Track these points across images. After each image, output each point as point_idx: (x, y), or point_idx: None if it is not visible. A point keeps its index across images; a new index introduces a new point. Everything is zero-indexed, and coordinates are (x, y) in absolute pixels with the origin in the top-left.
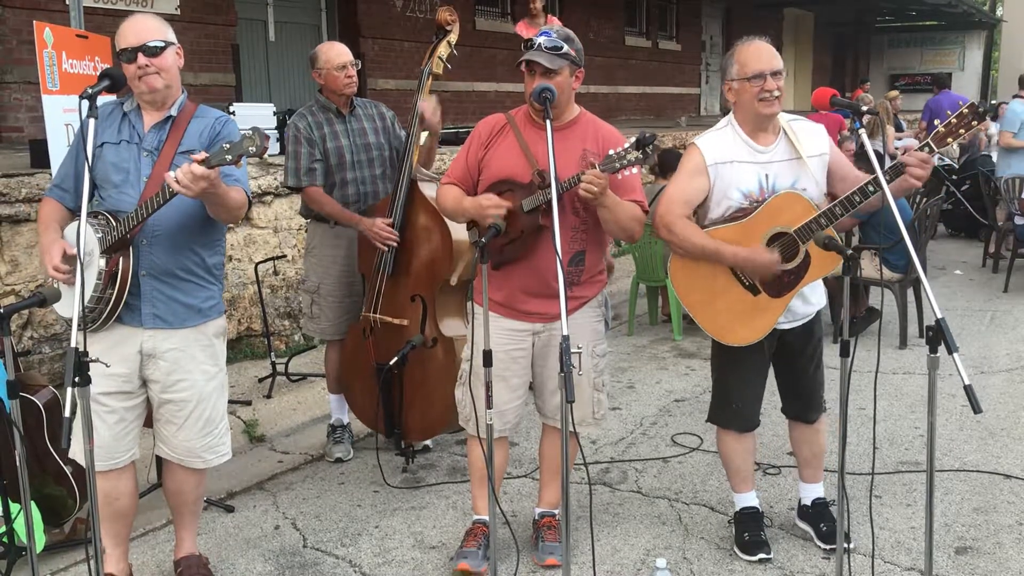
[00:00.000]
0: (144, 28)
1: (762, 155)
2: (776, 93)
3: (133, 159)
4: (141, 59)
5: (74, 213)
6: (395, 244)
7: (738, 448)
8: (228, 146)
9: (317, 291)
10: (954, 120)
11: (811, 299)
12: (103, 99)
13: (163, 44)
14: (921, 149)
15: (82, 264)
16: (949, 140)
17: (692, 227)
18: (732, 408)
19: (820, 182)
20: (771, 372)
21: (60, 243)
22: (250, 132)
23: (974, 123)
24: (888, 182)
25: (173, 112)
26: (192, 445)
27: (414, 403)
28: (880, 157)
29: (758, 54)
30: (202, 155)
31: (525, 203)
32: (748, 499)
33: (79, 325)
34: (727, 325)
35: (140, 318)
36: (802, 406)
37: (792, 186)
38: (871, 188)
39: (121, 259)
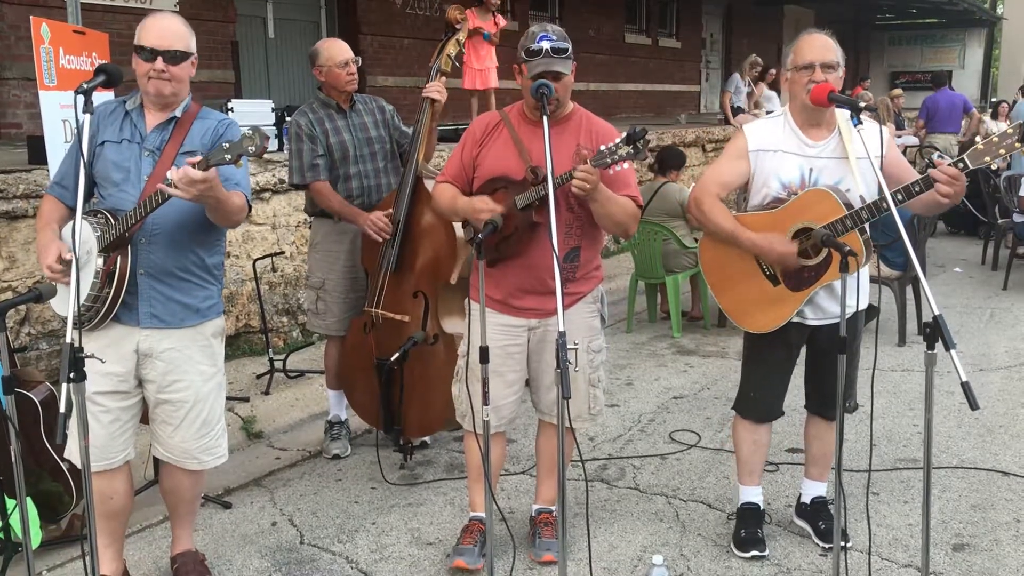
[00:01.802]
0: (170, 32)
1: (810, 149)
2: None
3: (134, 158)
4: (159, 63)
5: (74, 211)
6: (387, 236)
7: (748, 438)
8: (227, 145)
9: (322, 287)
10: (996, 139)
11: (846, 299)
12: (104, 97)
13: (185, 54)
14: (954, 165)
15: (77, 261)
16: (987, 159)
17: (720, 207)
18: (751, 397)
19: (867, 184)
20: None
21: (57, 243)
22: (250, 131)
23: (1018, 144)
24: (918, 192)
25: (177, 113)
26: (188, 446)
27: (414, 400)
28: None
29: (812, 44)
30: (199, 157)
31: (519, 200)
32: (751, 494)
33: (75, 320)
34: (744, 309)
35: (137, 317)
36: (824, 402)
37: (836, 184)
38: (899, 196)
39: (119, 258)
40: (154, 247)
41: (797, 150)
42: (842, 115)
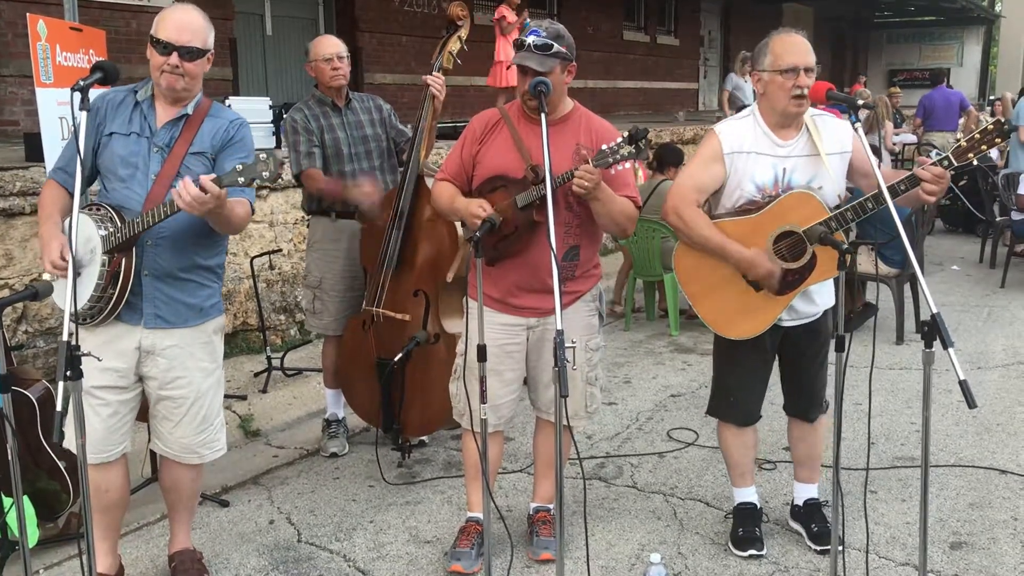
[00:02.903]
0: (188, 27)
1: (781, 149)
2: (806, 90)
3: (143, 154)
4: (174, 58)
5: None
6: (375, 200)
7: (735, 442)
8: (241, 168)
9: (319, 286)
10: (978, 136)
11: (816, 299)
12: (103, 89)
13: (201, 50)
14: (939, 164)
15: (74, 260)
16: (970, 156)
17: (701, 216)
18: (730, 402)
19: (838, 180)
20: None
21: (60, 238)
22: (264, 156)
23: (997, 140)
24: (904, 191)
25: (189, 110)
26: (188, 442)
27: (414, 399)
28: (876, 150)
29: (795, 47)
30: (212, 176)
31: (519, 199)
32: (746, 495)
33: (72, 317)
34: (726, 318)
35: (141, 317)
36: (804, 404)
37: (808, 183)
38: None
39: (124, 259)
40: (160, 249)
41: (769, 151)
42: (807, 111)
